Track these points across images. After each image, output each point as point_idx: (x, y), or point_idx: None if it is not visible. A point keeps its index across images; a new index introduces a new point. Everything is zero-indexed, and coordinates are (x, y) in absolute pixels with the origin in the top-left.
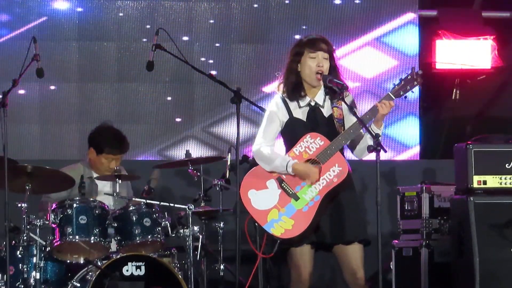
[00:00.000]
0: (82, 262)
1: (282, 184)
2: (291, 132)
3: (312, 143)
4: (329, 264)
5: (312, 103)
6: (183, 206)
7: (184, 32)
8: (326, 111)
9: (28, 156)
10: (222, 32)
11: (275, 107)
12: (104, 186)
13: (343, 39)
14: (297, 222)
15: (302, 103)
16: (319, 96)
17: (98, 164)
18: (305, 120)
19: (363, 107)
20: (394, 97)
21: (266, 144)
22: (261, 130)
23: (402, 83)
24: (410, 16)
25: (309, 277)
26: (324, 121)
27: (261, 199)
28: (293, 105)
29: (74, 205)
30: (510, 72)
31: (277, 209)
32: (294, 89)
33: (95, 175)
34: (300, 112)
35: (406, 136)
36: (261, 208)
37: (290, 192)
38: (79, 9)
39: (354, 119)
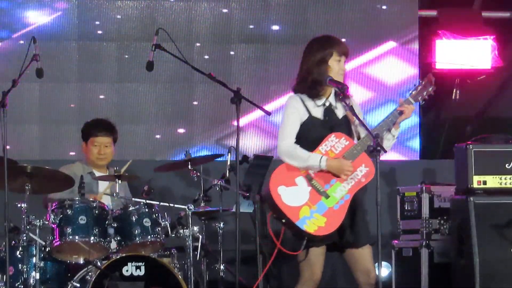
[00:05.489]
0: (82, 262)
1: (312, 182)
2: (309, 131)
3: (337, 142)
4: (329, 263)
5: (327, 104)
6: (183, 206)
7: (184, 32)
8: (339, 112)
9: (28, 156)
10: (222, 32)
11: (295, 105)
12: (103, 186)
13: (344, 38)
14: (329, 220)
15: (318, 103)
16: (332, 97)
17: (89, 154)
18: (322, 119)
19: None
20: (413, 102)
21: (293, 142)
22: (286, 128)
23: (419, 88)
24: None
25: (320, 277)
26: (340, 121)
27: (291, 195)
28: (310, 104)
29: (74, 205)
30: (510, 72)
31: (308, 206)
32: (316, 86)
33: (96, 172)
34: (317, 111)
35: (406, 136)
36: (292, 205)
37: (321, 190)
38: (79, 9)
39: (361, 117)
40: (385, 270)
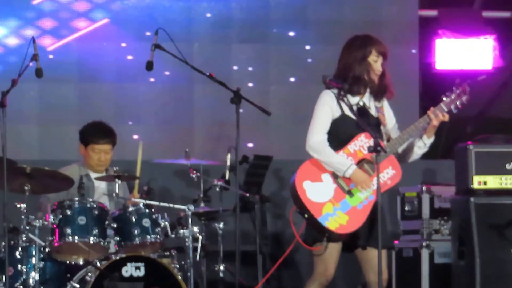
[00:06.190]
0: (81, 262)
1: (338, 180)
2: (340, 129)
3: (366, 143)
4: None
5: (361, 103)
6: (183, 207)
7: (184, 32)
8: (372, 112)
9: (28, 157)
10: (222, 32)
11: (329, 101)
12: (100, 186)
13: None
14: (352, 219)
15: (353, 101)
16: (367, 97)
17: (88, 159)
18: (356, 119)
19: None
20: (446, 109)
21: (324, 138)
22: (317, 123)
23: (453, 97)
24: None
25: (333, 274)
26: (374, 121)
27: (316, 191)
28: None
29: (74, 205)
30: (511, 72)
31: (332, 203)
32: (356, 82)
33: (91, 173)
34: (351, 110)
35: None
36: (316, 200)
37: (346, 189)
38: (79, 9)
39: (393, 121)
40: None
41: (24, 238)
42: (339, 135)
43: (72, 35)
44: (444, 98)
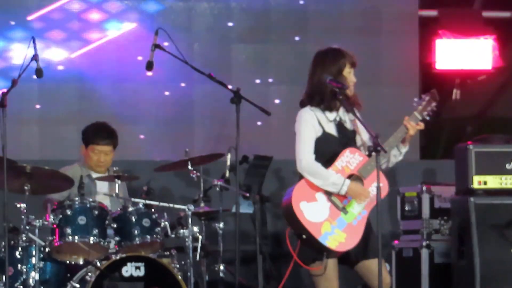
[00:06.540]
0: (81, 262)
1: (332, 198)
2: (324, 147)
3: (352, 158)
4: None
5: (338, 118)
6: (183, 207)
7: (184, 32)
8: (348, 126)
9: (28, 157)
10: (222, 32)
11: (311, 120)
12: (101, 186)
13: (345, 38)
14: (349, 236)
15: (330, 117)
16: (341, 111)
17: (88, 160)
18: (336, 135)
19: None
20: (420, 118)
21: (314, 159)
22: (304, 144)
23: (424, 104)
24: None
25: None
26: (351, 135)
27: (313, 211)
28: (323, 118)
29: (74, 205)
30: (511, 72)
31: (329, 222)
32: (334, 98)
33: (93, 174)
34: (330, 127)
35: None
36: (314, 221)
37: (340, 206)
38: (78, 8)
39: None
40: None
41: (24, 238)
42: (323, 153)
43: (80, 49)
44: (416, 106)
